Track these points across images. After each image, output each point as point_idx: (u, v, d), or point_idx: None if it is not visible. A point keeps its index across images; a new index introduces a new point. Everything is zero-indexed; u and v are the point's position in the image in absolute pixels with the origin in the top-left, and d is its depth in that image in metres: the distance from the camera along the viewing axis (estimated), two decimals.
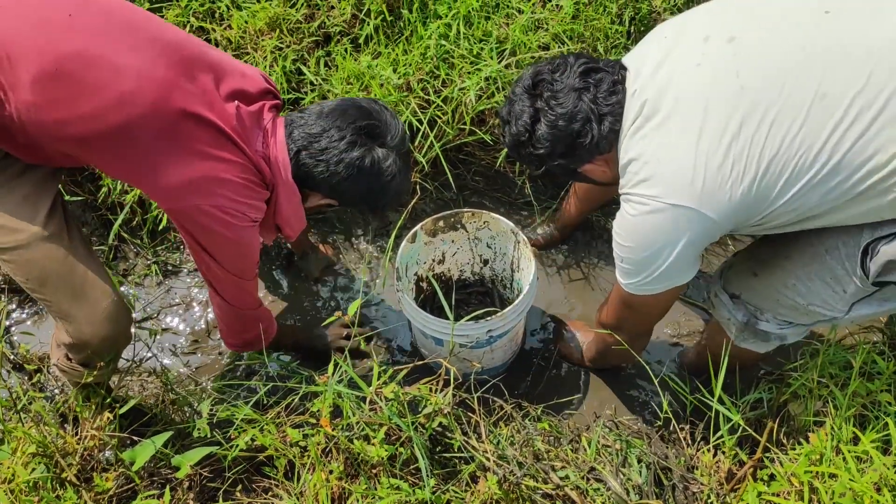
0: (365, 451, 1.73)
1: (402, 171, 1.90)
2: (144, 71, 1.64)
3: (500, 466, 1.79)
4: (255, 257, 1.94)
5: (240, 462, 1.92)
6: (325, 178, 1.84)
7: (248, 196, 1.79)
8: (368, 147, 1.83)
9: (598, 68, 1.77)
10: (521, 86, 1.83)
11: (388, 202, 1.95)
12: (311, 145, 1.83)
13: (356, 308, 1.82)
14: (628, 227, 1.73)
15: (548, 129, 1.76)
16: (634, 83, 1.71)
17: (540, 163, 1.83)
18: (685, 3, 2.70)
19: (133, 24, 1.70)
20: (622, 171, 1.74)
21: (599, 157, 1.79)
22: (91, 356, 1.93)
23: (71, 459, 1.84)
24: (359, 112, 1.85)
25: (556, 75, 1.77)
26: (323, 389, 1.80)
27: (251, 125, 1.80)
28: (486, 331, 2.18)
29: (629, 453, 1.91)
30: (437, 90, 2.57)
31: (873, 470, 1.67)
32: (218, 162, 1.72)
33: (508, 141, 1.88)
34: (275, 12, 2.64)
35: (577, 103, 1.73)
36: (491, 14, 2.65)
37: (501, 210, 2.86)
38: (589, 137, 1.74)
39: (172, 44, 1.71)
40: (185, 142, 1.69)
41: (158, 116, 1.64)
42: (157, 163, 1.68)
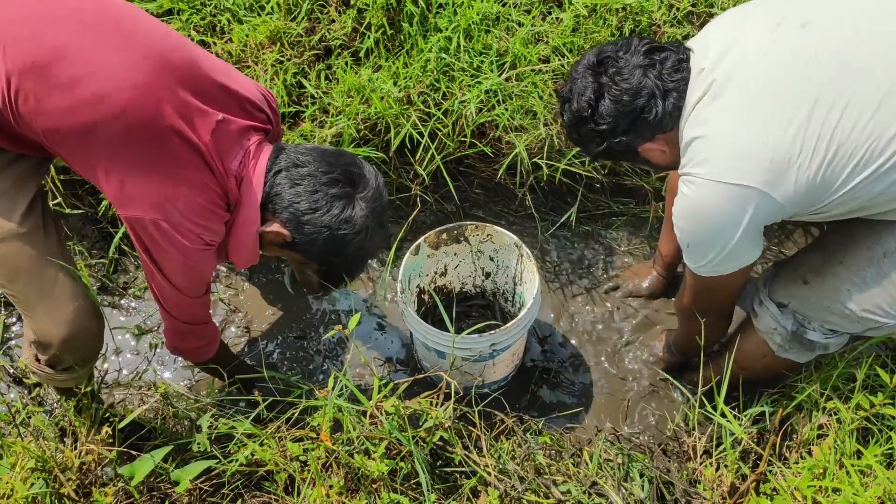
0: (365, 466, 1.73)
1: (371, 233, 1.82)
2: (123, 73, 1.61)
3: (501, 481, 1.78)
4: (204, 278, 1.90)
5: (240, 477, 1.91)
6: (293, 201, 1.77)
7: (205, 219, 1.74)
8: (349, 192, 1.78)
9: (663, 47, 1.77)
10: (583, 64, 1.82)
11: (346, 262, 1.88)
12: (295, 168, 1.77)
13: (356, 321, 1.81)
14: (692, 208, 1.72)
15: (612, 105, 1.75)
16: (701, 62, 1.71)
17: (601, 140, 1.81)
18: (685, 17, 2.70)
19: (122, 23, 1.68)
20: (684, 150, 1.74)
21: (661, 135, 1.78)
22: (56, 357, 1.92)
23: (70, 474, 1.83)
24: (353, 161, 1.82)
25: (620, 53, 1.77)
26: (323, 403, 1.79)
27: (231, 143, 1.75)
28: (490, 344, 2.17)
29: (631, 467, 1.90)
30: (437, 103, 2.58)
31: (877, 484, 1.66)
32: (181, 179, 1.68)
33: (568, 118, 1.86)
34: (275, 26, 2.65)
35: (642, 79, 1.72)
36: (491, 27, 2.65)
37: (502, 222, 2.86)
38: (653, 114, 1.73)
39: (161, 48, 1.68)
40: (152, 152, 1.65)
41: (130, 121, 1.61)
42: (119, 168, 1.65)
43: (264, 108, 1.85)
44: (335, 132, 2.54)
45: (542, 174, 2.64)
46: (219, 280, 2.76)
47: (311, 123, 2.58)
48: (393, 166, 2.69)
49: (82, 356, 1.95)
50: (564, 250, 2.85)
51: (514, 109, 2.56)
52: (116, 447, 1.88)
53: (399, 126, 2.55)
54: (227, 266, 2.78)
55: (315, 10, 2.73)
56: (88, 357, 1.98)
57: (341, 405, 1.79)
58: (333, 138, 2.55)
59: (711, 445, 1.99)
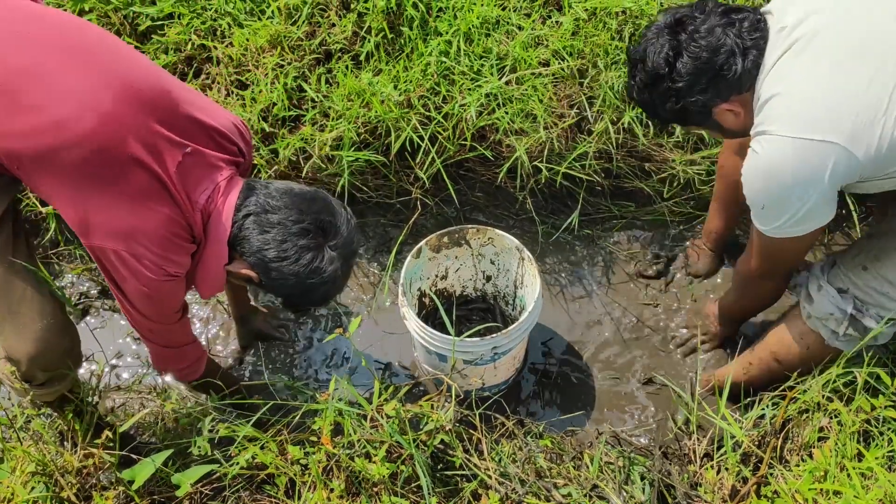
0: (366, 470, 1.73)
1: (336, 282, 1.81)
2: (88, 100, 1.59)
3: (501, 484, 1.78)
4: (170, 307, 1.86)
5: (241, 480, 1.91)
6: (261, 248, 1.73)
7: (169, 250, 1.71)
8: (319, 243, 1.74)
9: (739, 8, 1.77)
10: (657, 25, 1.81)
11: (309, 303, 1.89)
12: (265, 214, 1.73)
13: (356, 325, 1.81)
14: (770, 167, 1.70)
15: (691, 62, 1.74)
16: (781, 20, 1.71)
17: (677, 99, 1.79)
18: None
19: (89, 48, 1.66)
20: (760, 109, 1.73)
21: (736, 97, 1.77)
22: (28, 374, 1.90)
23: (70, 478, 1.83)
24: (325, 207, 1.77)
25: (696, 13, 1.77)
26: (324, 407, 1.79)
27: (199, 176, 1.71)
28: (492, 347, 2.17)
29: (632, 470, 1.90)
30: (437, 106, 2.58)
31: (878, 486, 1.65)
32: (144, 210, 1.65)
33: (642, 78, 1.83)
34: (276, 30, 2.65)
35: (721, 37, 1.72)
36: (491, 31, 2.66)
37: (502, 226, 2.86)
38: (732, 71, 1.72)
39: (130, 77, 1.66)
40: (113, 182, 1.62)
41: (90, 149, 1.58)
42: (79, 196, 1.63)
43: (236, 140, 1.82)
44: (335, 136, 2.54)
45: (542, 177, 2.64)
46: None
47: (311, 127, 2.59)
48: (393, 170, 2.69)
49: (53, 374, 1.94)
50: (564, 253, 2.85)
51: (515, 113, 2.56)
52: (117, 451, 1.88)
53: (399, 129, 2.55)
54: None
55: (315, 14, 2.73)
56: (60, 375, 1.96)
57: (342, 408, 1.79)
58: (334, 142, 2.55)
59: (713, 448, 1.99)
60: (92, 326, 2.67)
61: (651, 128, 2.68)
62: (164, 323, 1.89)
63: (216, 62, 2.72)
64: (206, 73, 2.75)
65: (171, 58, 2.70)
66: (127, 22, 2.75)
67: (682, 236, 2.84)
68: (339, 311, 2.73)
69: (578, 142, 2.66)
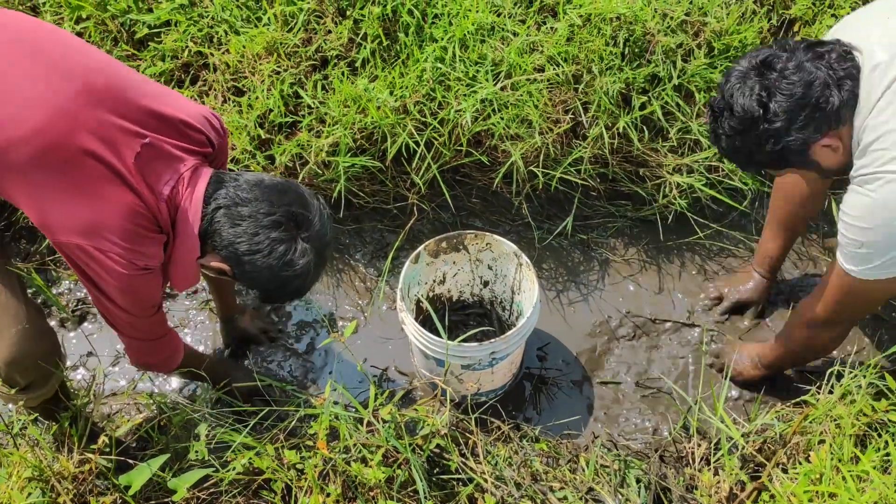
0: (362, 474, 1.73)
1: (310, 275, 1.78)
2: (36, 96, 1.58)
3: (497, 488, 1.78)
4: (148, 300, 1.84)
5: (237, 485, 1.91)
6: (232, 241, 1.71)
7: (136, 243, 1.68)
8: (291, 235, 1.72)
9: (822, 42, 1.75)
10: (739, 70, 1.78)
11: (284, 296, 1.85)
12: (235, 207, 1.70)
13: (352, 330, 1.82)
14: (884, 208, 1.68)
15: (786, 100, 1.70)
16: (872, 58, 1.69)
17: (777, 140, 1.75)
18: (678, 25, 2.72)
19: (38, 45, 1.65)
20: (866, 150, 1.70)
21: (834, 132, 1.74)
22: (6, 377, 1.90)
23: (67, 484, 1.83)
24: (297, 198, 1.75)
25: (780, 51, 1.74)
26: (319, 412, 1.80)
27: (159, 167, 1.69)
28: (490, 352, 2.17)
29: (628, 473, 1.90)
30: (433, 112, 2.59)
31: (873, 489, 1.66)
32: (103, 203, 1.62)
33: (732, 126, 1.79)
34: (272, 37, 2.66)
35: (813, 71, 1.69)
36: (486, 37, 2.67)
37: (499, 231, 2.86)
38: (830, 104, 1.69)
39: (81, 70, 1.64)
40: (68, 176, 1.60)
41: (41, 144, 1.57)
42: (37, 193, 1.62)
43: (204, 130, 1.79)
44: (332, 142, 2.55)
45: (538, 182, 2.65)
46: None
47: (307, 133, 2.60)
48: (389, 175, 2.70)
49: (32, 378, 1.93)
50: (561, 258, 2.86)
51: (510, 118, 2.57)
52: (113, 456, 1.88)
53: (395, 135, 2.56)
54: None
55: (311, 21, 2.75)
56: (40, 379, 1.95)
57: (338, 413, 1.79)
58: (330, 147, 2.56)
59: (710, 452, 2.00)
60: (88, 332, 2.67)
61: (646, 132, 2.69)
62: (143, 316, 1.86)
63: (213, 69, 2.73)
64: (202, 80, 2.76)
65: (168, 65, 2.72)
66: (124, 30, 2.77)
67: (678, 246, 2.85)
68: (334, 316, 2.74)
69: (574, 147, 2.67)
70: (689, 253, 2.86)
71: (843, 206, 1.77)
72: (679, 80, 2.67)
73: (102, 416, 2.38)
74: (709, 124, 1.88)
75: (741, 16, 2.83)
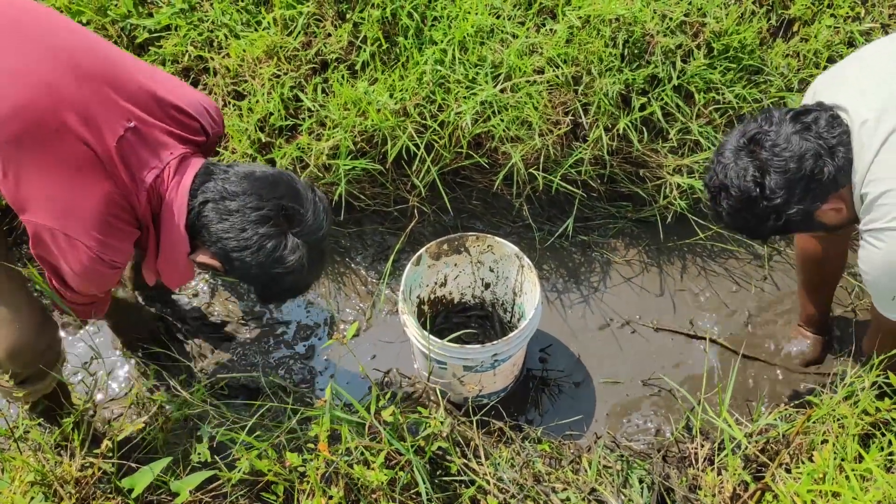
0: (365, 477, 1.72)
1: (305, 270, 1.72)
2: (20, 72, 1.55)
3: (500, 489, 1.78)
4: (102, 289, 1.82)
5: (240, 487, 1.91)
6: (221, 237, 1.66)
7: (108, 235, 1.64)
8: (281, 230, 1.66)
9: (808, 110, 1.76)
10: (729, 149, 1.79)
11: (278, 294, 1.81)
12: (223, 201, 1.65)
13: (353, 332, 1.82)
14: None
15: (780, 177, 1.72)
16: (859, 115, 1.70)
17: (778, 214, 1.77)
18: (678, 26, 2.73)
19: (23, 24, 1.62)
20: (871, 206, 1.71)
21: (835, 194, 1.76)
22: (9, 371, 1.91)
23: (69, 488, 1.83)
24: (288, 191, 1.69)
25: (765, 126, 1.76)
26: (320, 413, 1.80)
27: (144, 153, 1.64)
28: (492, 354, 2.17)
29: (630, 474, 1.90)
30: (433, 114, 2.59)
31: (876, 488, 1.65)
32: (81, 188, 1.59)
33: (731, 205, 1.81)
34: (272, 40, 2.67)
35: (801, 143, 1.71)
36: (486, 39, 2.67)
37: (500, 233, 2.86)
38: (825, 173, 1.71)
39: (68, 50, 1.61)
40: (48, 155, 1.56)
41: (23, 121, 1.54)
42: (14, 169, 1.57)
43: (198, 118, 1.76)
44: (332, 145, 2.55)
45: (538, 184, 2.65)
46: (218, 294, 2.77)
47: (308, 136, 2.60)
48: (390, 178, 2.70)
49: (33, 370, 1.93)
50: (562, 259, 2.86)
51: (510, 120, 2.58)
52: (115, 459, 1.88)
53: (395, 138, 2.56)
54: (217, 279, 2.79)
55: (311, 24, 2.75)
56: (40, 372, 1.95)
57: (339, 416, 1.79)
58: (330, 150, 2.56)
59: (713, 452, 1.99)
60: (91, 333, 2.67)
61: (646, 134, 2.69)
62: (90, 299, 1.85)
63: (213, 73, 2.73)
64: (203, 84, 2.76)
65: (169, 69, 2.72)
66: (124, 34, 2.77)
67: (679, 247, 2.85)
68: (336, 319, 2.74)
69: (574, 148, 2.67)
70: (689, 254, 2.86)
71: (862, 263, 1.79)
72: (678, 80, 2.67)
73: (104, 420, 2.38)
74: (708, 203, 1.90)
75: (740, 16, 2.84)
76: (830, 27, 2.86)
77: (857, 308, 2.70)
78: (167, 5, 2.77)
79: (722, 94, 2.70)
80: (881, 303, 1.84)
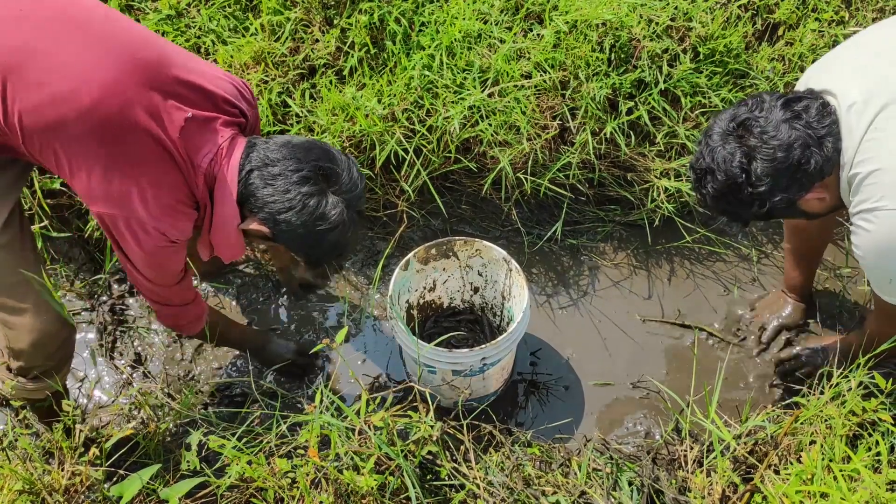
0: (354, 482, 1.72)
1: (347, 226, 1.83)
2: (90, 71, 1.64)
3: (490, 493, 1.78)
4: (171, 272, 1.93)
5: (229, 494, 1.90)
6: (267, 202, 1.78)
7: (171, 216, 1.77)
8: (321, 188, 1.78)
9: (799, 97, 1.76)
10: (717, 132, 1.79)
11: (325, 253, 1.89)
12: (266, 167, 1.78)
13: (343, 336, 1.82)
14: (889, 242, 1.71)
15: (766, 165, 1.73)
16: (847, 97, 1.71)
17: (762, 202, 1.78)
18: (664, 31, 2.74)
19: (87, 21, 1.70)
20: (858, 188, 1.72)
21: (819, 183, 1.76)
22: (27, 364, 1.98)
23: (58, 496, 1.82)
24: (323, 153, 1.81)
25: (756, 112, 1.76)
26: (311, 419, 1.79)
27: (201, 140, 1.76)
28: (481, 358, 2.18)
29: (620, 476, 1.90)
30: (421, 119, 2.60)
31: (864, 488, 1.66)
32: (145, 177, 1.71)
33: (716, 188, 1.81)
34: (260, 46, 2.67)
35: (790, 132, 1.71)
36: (473, 44, 2.68)
37: (489, 237, 2.87)
38: (812, 163, 1.72)
39: (130, 46, 1.70)
40: (120, 149, 1.68)
41: (96, 118, 1.64)
42: (87, 164, 1.69)
43: (237, 103, 1.86)
44: None
45: (526, 188, 2.66)
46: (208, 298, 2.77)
47: None
48: (379, 183, 2.70)
49: (52, 363, 2.00)
50: (551, 263, 2.86)
51: (498, 125, 2.59)
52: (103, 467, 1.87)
53: (384, 143, 2.57)
54: (215, 284, 2.78)
55: (299, 30, 2.76)
56: (58, 364, 2.03)
57: (329, 421, 1.79)
58: None
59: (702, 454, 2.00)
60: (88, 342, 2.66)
61: (633, 138, 2.70)
62: (165, 285, 1.96)
63: None
64: None
65: None
66: None
67: (667, 250, 2.87)
68: (325, 325, 2.73)
69: (562, 153, 2.68)
70: (677, 257, 2.87)
71: (856, 248, 1.79)
72: (665, 84, 2.68)
73: (93, 428, 2.36)
74: (693, 185, 1.91)
75: (726, 20, 2.86)
76: (815, 31, 2.88)
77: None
78: (154, 11, 2.76)
79: (708, 98, 2.72)
80: (879, 286, 1.84)
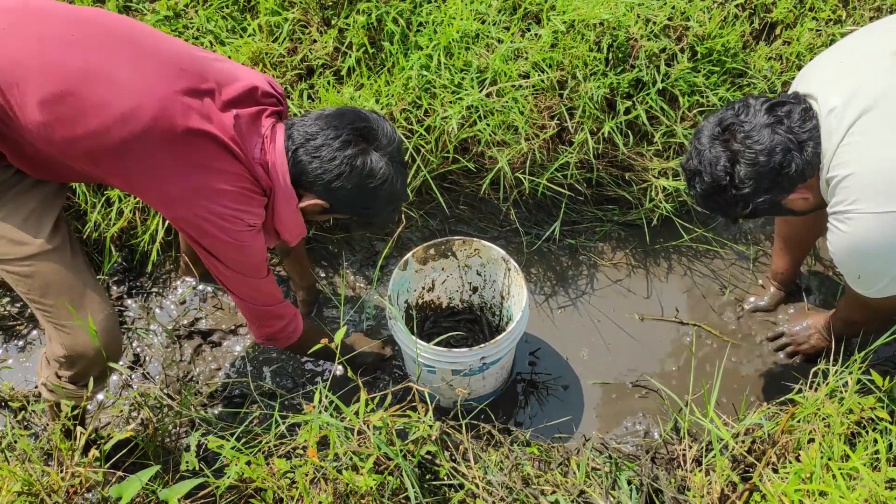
0: (353, 482, 1.72)
1: (395, 178, 1.92)
2: (144, 87, 1.72)
3: (489, 493, 1.78)
4: (259, 258, 1.99)
5: (229, 495, 1.90)
6: (318, 175, 1.87)
7: (244, 203, 1.86)
8: (362, 148, 1.87)
9: (783, 101, 1.82)
10: (705, 135, 1.87)
11: (380, 209, 1.98)
12: (308, 143, 1.87)
13: (342, 335, 1.82)
14: (859, 244, 1.78)
15: (749, 168, 1.81)
16: (827, 102, 1.76)
17: (745, 203, 1.86)
18: (661, 31, 2.75)
19: (133, 38, 1.79)
20: (835, 189, 1.78)
21: (802, 184, 1.83)
22: (83, 370, 2.00)
23: (57, 497, 1.81)
24: (356, 116, 1.90)
25: (741, 117, 1.83)
26: (309, 419, 1.79)
27: (249, 133, 1.86)
28: (480, 358, 2.18)
29: (619, 476, 1.90)
30: (419, 119, 2.60)
31: (862, 486, 1.67)
32: (216, 173, 1.80)
33: (704, 189, 1.91)
34: (258, 47, 2.67)
35: (772, 137, 1.78)
36: (471, 44, 2.68)
37: (487, 237, 2.87)
38: (793, 167, 1.79)
39: (171, 57, 1.80)
40: (185, 155, 1.77)
41: (158, 131, 1.72)
42: (158, 175, 1.78)
43: (273, 93, 1.96)
44: None
45: (525, 188, 2.66)
46: (208, 301, 2.77)
47: None
48: None
49: (105, 364, 2.02)
50: (549, 263, 2.87)
51: (496, 125, 2.59)
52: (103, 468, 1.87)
53: None
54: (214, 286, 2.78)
55: (297, 30, 2.76)
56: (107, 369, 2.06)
57: (328, 421, 1.79)
58: None
59: (701, 453, 2.00)
60: None
61: (631, 137, 2.71)
62: (255, 276, 2.02)
63: None
64: None
65: None
66: None
67: (665, 249, 2.87)
68: (325, 325, 2.73)
69: (560, 152, 2.69)
70: (675, 256, 2.87)
71: (830, 246, 1.86)
72: (663, 84, 2.69)
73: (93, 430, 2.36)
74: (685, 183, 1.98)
75: (723, 20, 2.86)
76: (812, 30, 2.88)
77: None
78: (152, 12, 2.76)
79: (706, 97, 2.72)
80: (850, 279, 1.93)
